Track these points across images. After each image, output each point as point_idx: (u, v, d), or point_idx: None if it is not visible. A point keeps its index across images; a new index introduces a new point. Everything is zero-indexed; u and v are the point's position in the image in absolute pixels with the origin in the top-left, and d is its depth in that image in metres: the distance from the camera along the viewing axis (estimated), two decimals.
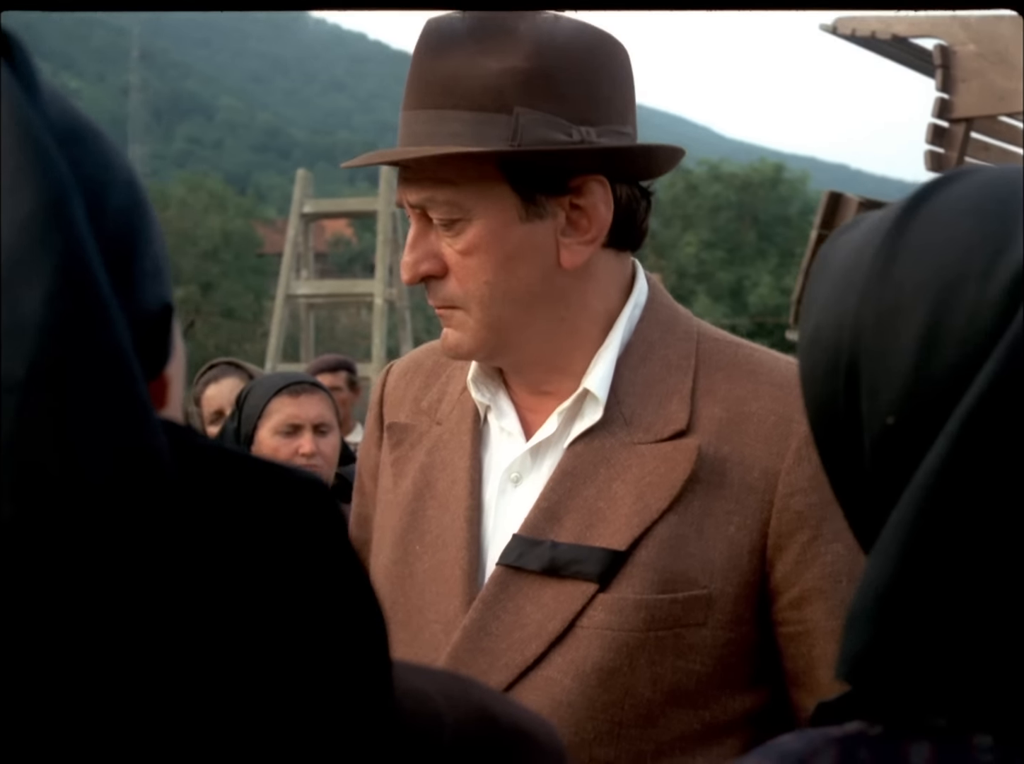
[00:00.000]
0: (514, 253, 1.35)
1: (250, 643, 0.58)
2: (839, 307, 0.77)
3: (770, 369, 1.40)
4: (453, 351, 1.41)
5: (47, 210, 0.55)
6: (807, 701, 1.37)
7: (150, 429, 0.56)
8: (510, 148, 1.31)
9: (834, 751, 0.69)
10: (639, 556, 1.32)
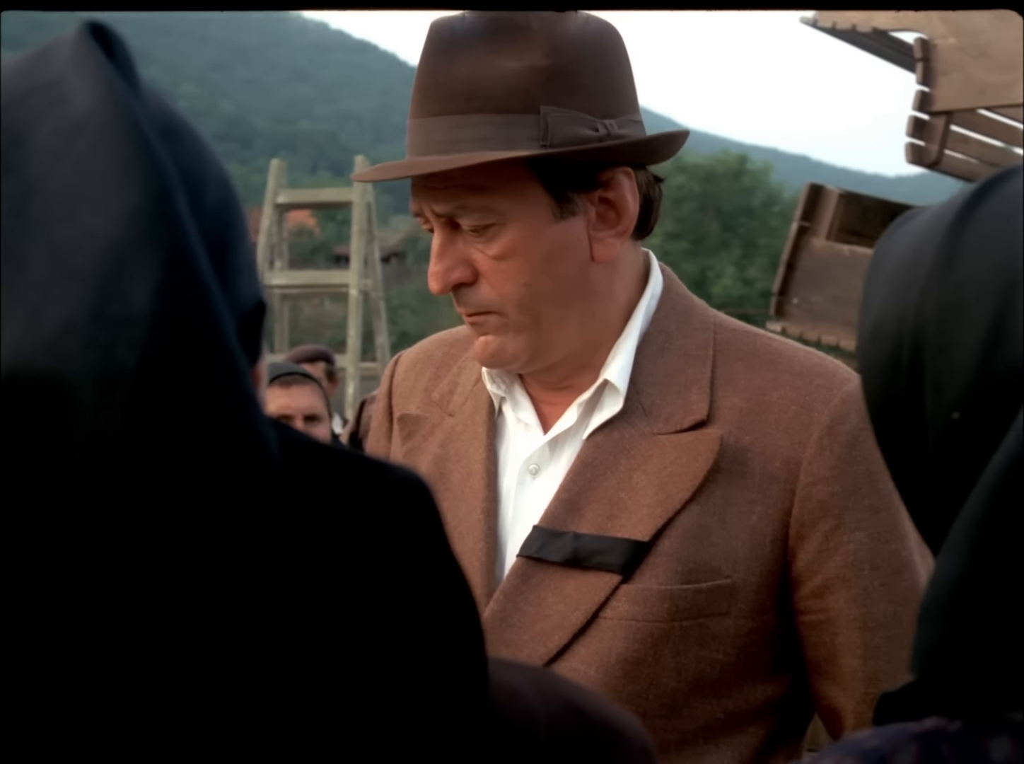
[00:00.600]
0: (551, 252, 1.34)
1: (351, 638, 0.58)
2: (900, 302, 0.78)
3: (789, 358, 1.40)
4: (495, 358, 1.39)
5: (154, 204, 0.54)
6: (829, 689, 1.37)
7: (259, 422, 0.56)
8: (543, 148, 1.30)
9: (915, 748, 0.70)
10: (662, 546, 1.33)
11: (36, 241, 0.55)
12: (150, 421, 0.53)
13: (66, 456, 0.53)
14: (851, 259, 4.83)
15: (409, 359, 1.62)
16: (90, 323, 0.53)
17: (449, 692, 0.61)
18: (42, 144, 0.57)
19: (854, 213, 5.03)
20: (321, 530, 0.58)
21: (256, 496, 0.55)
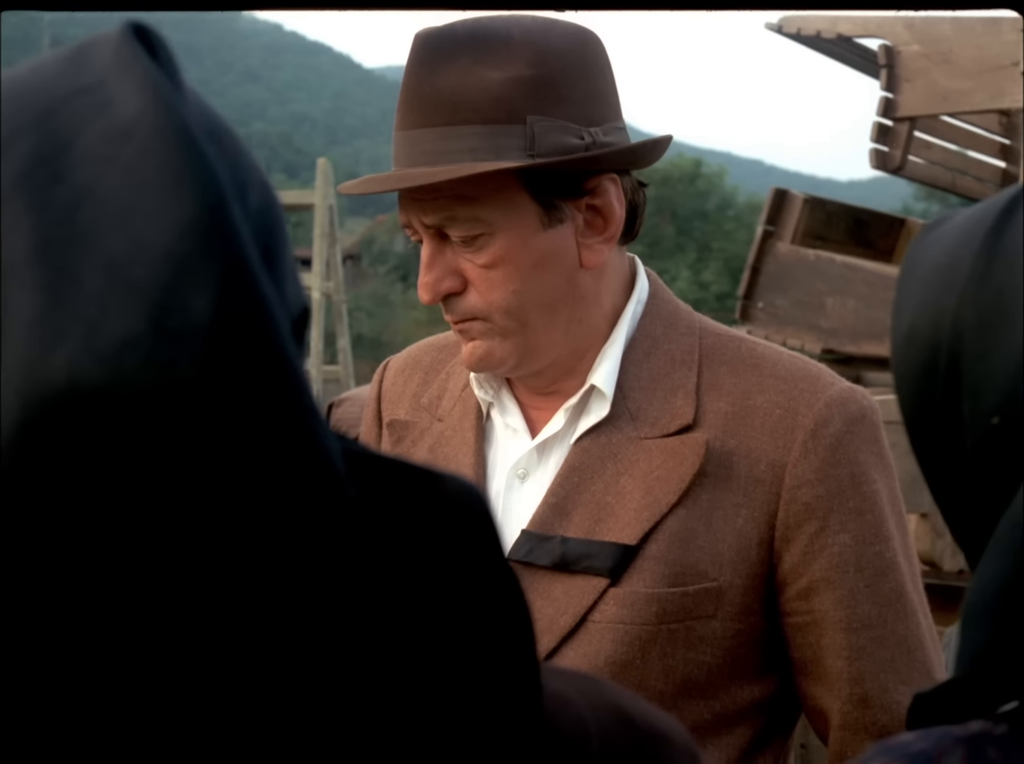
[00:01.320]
0: (539, 260, 1.36)
1: (413, 650, 0.58)
2: (936, 307, 0.78)
3: (774, 362, 1.41)
4: (482, 363, 1.40)
5: (210, 214, 0.54)
6: (814, 689, 1.39)
7: (325, 435, 0.55)
8: (529, 158, 1.31)
9: (962, 751, 0.69)
10: (649, 550, 1.34)
11: (90, 252, 0.54)
12: (214, 436, 0.52)
13: (128, 472, 0.52)
14: (815, 263, 4.87)
15: (398, 364, 1.62)
16: (150, 337, 0.52)
17: (504, 702, 0.61)
18: (89, 150, 0.56)
19: (818, 218, 5.08)
20: (385, 543, 0.58)
21: (326, 512, 0.55)
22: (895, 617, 1.36)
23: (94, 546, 0.53)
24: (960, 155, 5.46)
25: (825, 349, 4.90)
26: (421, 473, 0.61)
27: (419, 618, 0.59)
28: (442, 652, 0.59)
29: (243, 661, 0.54)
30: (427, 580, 0.59)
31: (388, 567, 0.58)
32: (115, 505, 0.53)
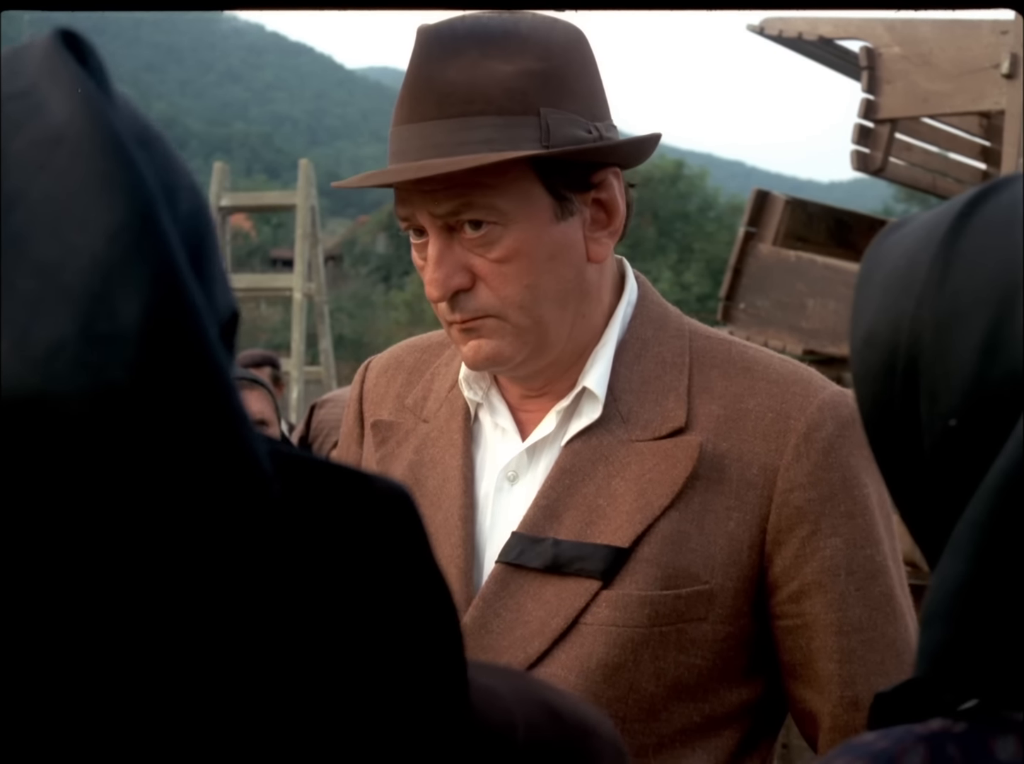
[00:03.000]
0: (553, 253, 1.36)
1: (338, 646, 0.59)
2: (895, 310, 0.78)
3: (765, 366, 1.42)
4: (489, 361, 1.38)
5: (139, 220, 0.54)
6: (804, 692, 1.39)
7: (252, 437, 0.56)
8: (545, 148, 1.32)
9: (923, 749, 0.70)
10: (642, 552, 1.34)
11: (21, 257, 0.54)
12: (143, 439, 0.53)
13: (59, 477, 0.53)
14: (796, 265, 4.88)
15: (380, 365, 1.61)
16: (80, 342, 0.53)
17: (430, 696, 0.62)
18: (20, 155, 0.56)
19: (800, 219, 5.08)
20: (311, 542, 0.59)
21: (252, 512, 0.55)
22: (885, 620, 1.37)
23: (24, 547, 0.53)
24: (941, 157, 5.48)
25: (806, 350, 4.91)
26: (349, 474, 0.62)
27: (344, 615, 0.59)
28: (367, 648, 0.60)
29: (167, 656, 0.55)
30: (353, 578, 0.60)
31: (313, 564, 0.59)
32: (46, 506, 0.53)
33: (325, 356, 12.43)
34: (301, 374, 11.42)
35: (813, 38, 4.87)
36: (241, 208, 13.53)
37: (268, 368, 5.43)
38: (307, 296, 11.81)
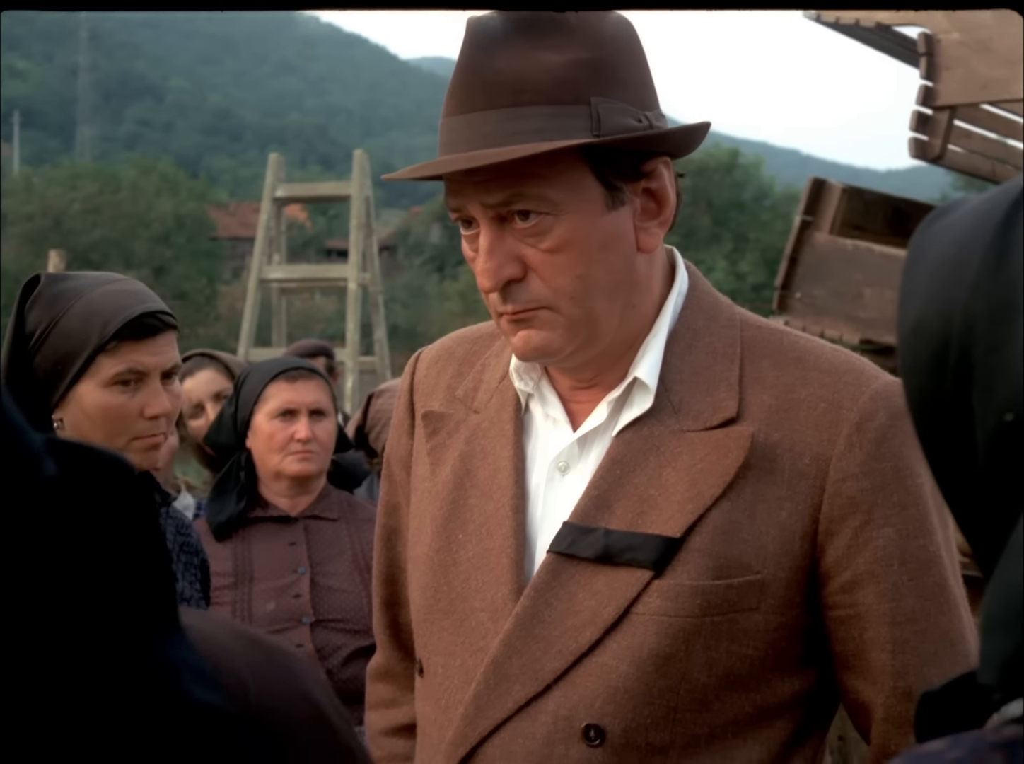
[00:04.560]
0: (604, 243, 1.36)
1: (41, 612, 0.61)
2: (945, 299, 0.76)
3: (817, 356, 1.41)
4: (538, 352, 1.39)
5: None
6: (857, 683, 1.39)
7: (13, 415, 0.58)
8: (595, 138, 1.32)
9: (1000, 758, 0.67)
10: (694, 543, 1.34)
11: None
12: None
13: None
14: (853, 253, 4.84)
15: (430, 356, 1.62)
16: None
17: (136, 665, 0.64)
18: None
19: (856, 207, 5.04)
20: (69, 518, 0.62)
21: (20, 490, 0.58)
22: (938, 611, 1.36)
23: None
24: (1000, 144, 5.42)
25: (863, 339, 4.87)
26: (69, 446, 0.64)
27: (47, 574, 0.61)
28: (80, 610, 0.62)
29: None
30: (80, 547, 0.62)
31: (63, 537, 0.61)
32: None
33: (379, 346, 12.49)
34: (355, 364, 11.48)
35: (870, 24, 4.83)
36: (296, 199, 13.60)
37: (322, 358, 5.47)
38: (361, 286, 11.88)
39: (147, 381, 1.94)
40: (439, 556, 1.46)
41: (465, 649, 1.41)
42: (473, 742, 1.38)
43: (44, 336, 1.91)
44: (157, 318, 1.95)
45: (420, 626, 1.49)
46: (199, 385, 3.64)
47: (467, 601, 1.42)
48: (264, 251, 12.36)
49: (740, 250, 37.57)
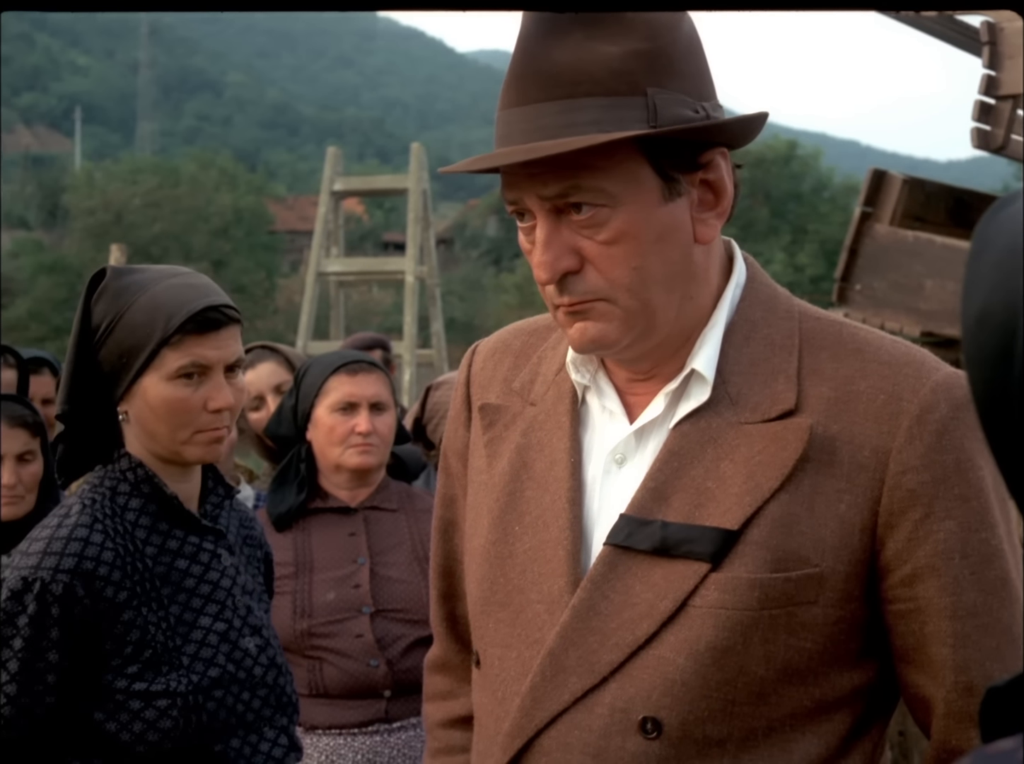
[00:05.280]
0: (661, 235, 1.35)
1: None
2: (1010, 290, 0.75)
3: (876, 347, 1.40)
4: (594, 343, 1.39)
5: None
6: (917, 678, 1.38)
7: None
8: (652, 129, 1.31)
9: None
10: (751, 535, 1.33)
11: None
12: None
13: None
14: (914, 245, 4.79)
15: (487, 349, 1.62)
16: None
17: None
18: None
19: (917, 199, 4.99)
20: None
21: None
22: (1000, 605, 1.34)
23: None
24: None
25: (924, 332, 4.83)
26: None
27: None
28: None
29: None
30: None
31: None
32: None
33: (436, 339, 12.53)
34: (413, 357, 11.53)
35: (932, 13, 4.77)
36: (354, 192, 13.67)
37: (379, 350, 5.49)
38: (419, 279, 11.92)
39: (210, 375, 1.95)
40: (496, 548, 1.47)
41: (522, 641, 1.42)
42: (530, 734, 1.39)
43: (109, 330, 1.93)
44: (220, 312, 1.96)
45: (477, 618, 1.50)
46: (259, 377, 3.67)
47: (524, 593, 1.43)
48: (322, 244, 12.44)
49: (799, 242, 37.30)
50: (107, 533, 1.90)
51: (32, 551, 1.87)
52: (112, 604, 1.86)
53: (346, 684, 2.85)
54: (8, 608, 1.83)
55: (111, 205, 38.69)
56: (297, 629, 2.86)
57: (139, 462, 1.98)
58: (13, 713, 1.82)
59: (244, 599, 2.03)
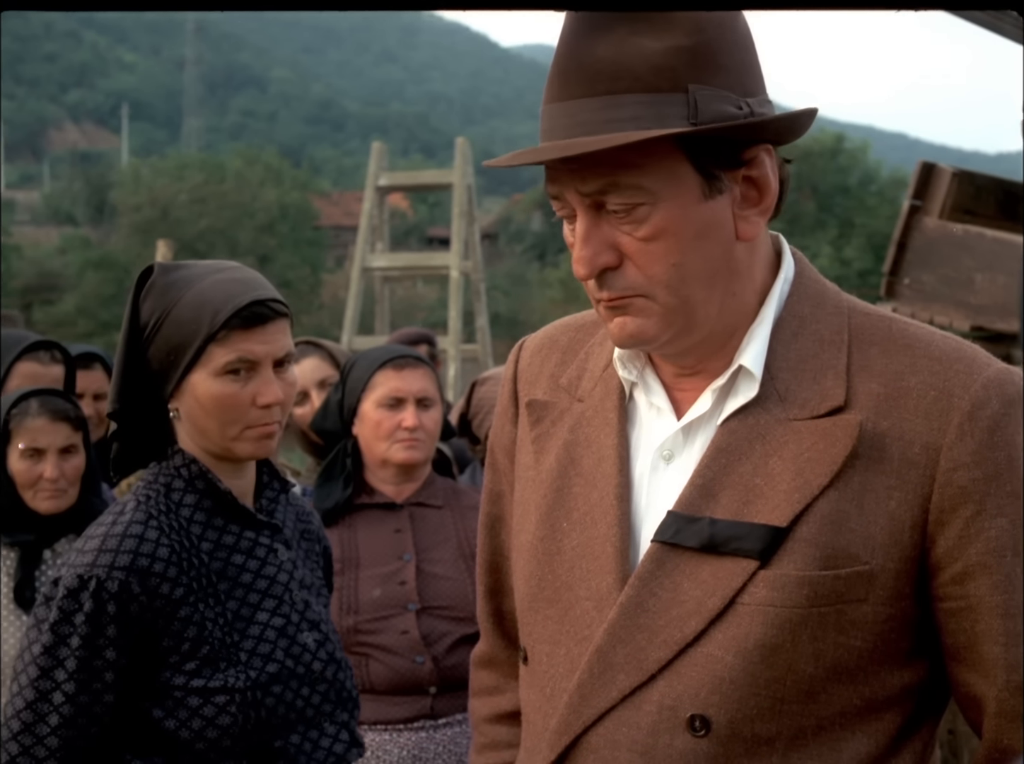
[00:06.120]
0: (700, 231, 1.34)
1: None
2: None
3: (927, 343, 1.39)
4: (633, 339, 1.39)
5: None
6: (969, 676, 1.36)
7: None
8: (692, 126, 1.30)
9: None
10: (800, 532, 1.32)
11: None
12: None
13: None
14: (964, 238, 4.75)
15: (534, 345, 1.62)
16: None
17: None
18: None
19: (967, 192, 4.93)
20: None
21: None
22: None
23: None
24: None
25: (974, 326, 4.77)
26: None
27: None
28: None
29: None
30: None
31: None
32: None
33: (481, 334, 12.56)
34: (458, 352, 11.56)
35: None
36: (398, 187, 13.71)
37: (424, 346, 5.50)
38: (464, 274, 11.96)
39: (259, 370, 1.95)
40: (543, 544, 1.46)
41: (570, 638, 1.42)
42: (577, 731, 1.38)
43: (157, 327, 1.94)
44: (267, 306, 1.96)
45: (524, 614, 1.50)
46: (304, 373, 3.68)
47: (571, 590, 1.42)
48: (367, 239, 12.49)
49: (846, 236, 37.05)
50: (162, 529, 1.90)
51: (88, 549, 1.88)
52: (168, 600, 1.87)
53: (392, 680, 2.86)
54: (65, 606, 1.84)
55: (158, 201, 38.99)
56: (343, 625, 2.87)
57: (193, 458, 1.98)
58: (72, 711, 1.83)
59: (302, 594, 2.03)
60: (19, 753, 1.82)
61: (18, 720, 1.83)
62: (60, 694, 1.83)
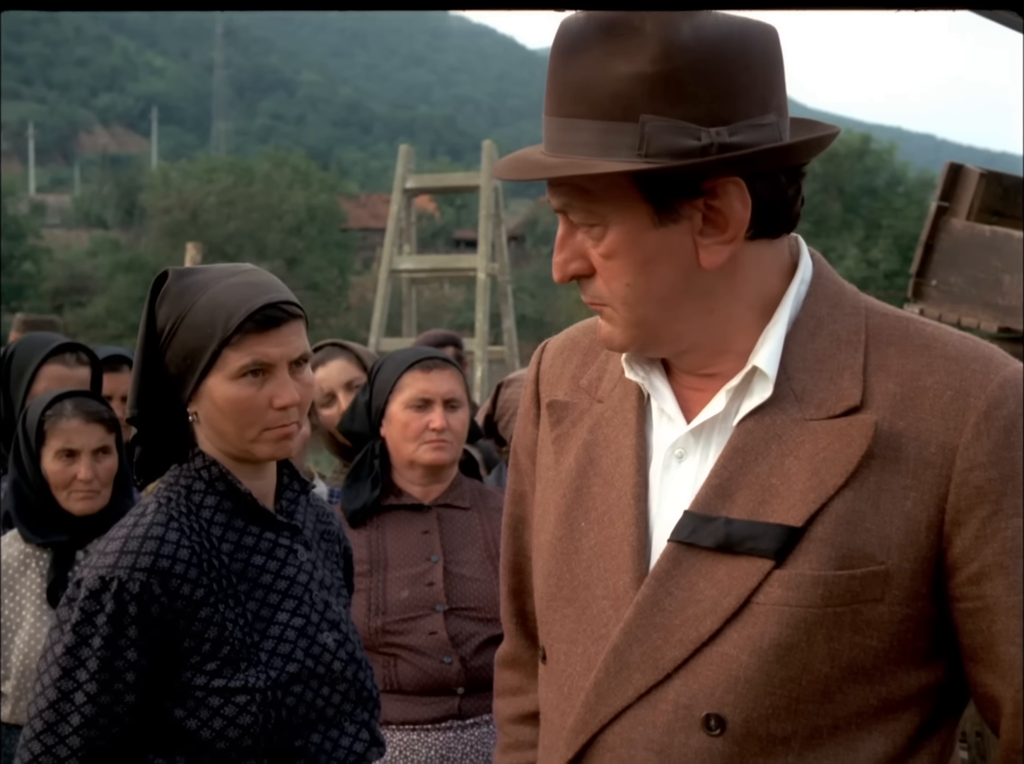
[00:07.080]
0: (650, 258, 1.36)
1: None
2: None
3: (944, 343, 1.39)
4: (607, 343, 1.45)
5: None
6: (986, 677, 1.36)
7: None
8: (639, 158, 1.30)
9: None
10: (816, 532, 1.33)
11: None
12: None
13: None
14: (992, 239, 4.72)
15: (556, 346, 1.64)
16: None
17: None
18: None
19: (995, 193, 4.89)
20: None
21: None
22: None
23: None
24: None
25: (1002, 328, 4.75)
26: None
27: None
28: None
29: None
30: None
31: None
32: None
33: (508, 336, 12.57)
34: (484, 354, 11.58)
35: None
36: (425, 190, 13.74)
37: (451, 347, 5.51)
38: (490, 276, 11.98)
39: (274, 372, 1.96)
40: (562, 544, 1.48)
41: (587, 636, 1.43)
42: (594, 729, 1.40)
43: (173, 332, 1.95)
44: (280, 308, 1.97)
45: (543, 613, 1.51)
46: (331, 374, 3.70)
47: (589, 589, 1.44)
48: (394, 242, 12.52)
49: (872, 237, 36.87)
50: (183, 531, 1.92)
51: (109, 550, 1.90)
52: (189, 601, 1.88)
53: (420, 681, 2.87)
54: (86, 607, 1.86)
55: (187, 204, 39.16)
56: (371, 626, 2.88)
57: (213, 460, 2.00)
58: (93, 711, 1.85)
59: (322, 594, 2.05)
60: (41, 752, 1.84)
61: (40, 720, 1.85)
62: (82, 694, 1.85)
